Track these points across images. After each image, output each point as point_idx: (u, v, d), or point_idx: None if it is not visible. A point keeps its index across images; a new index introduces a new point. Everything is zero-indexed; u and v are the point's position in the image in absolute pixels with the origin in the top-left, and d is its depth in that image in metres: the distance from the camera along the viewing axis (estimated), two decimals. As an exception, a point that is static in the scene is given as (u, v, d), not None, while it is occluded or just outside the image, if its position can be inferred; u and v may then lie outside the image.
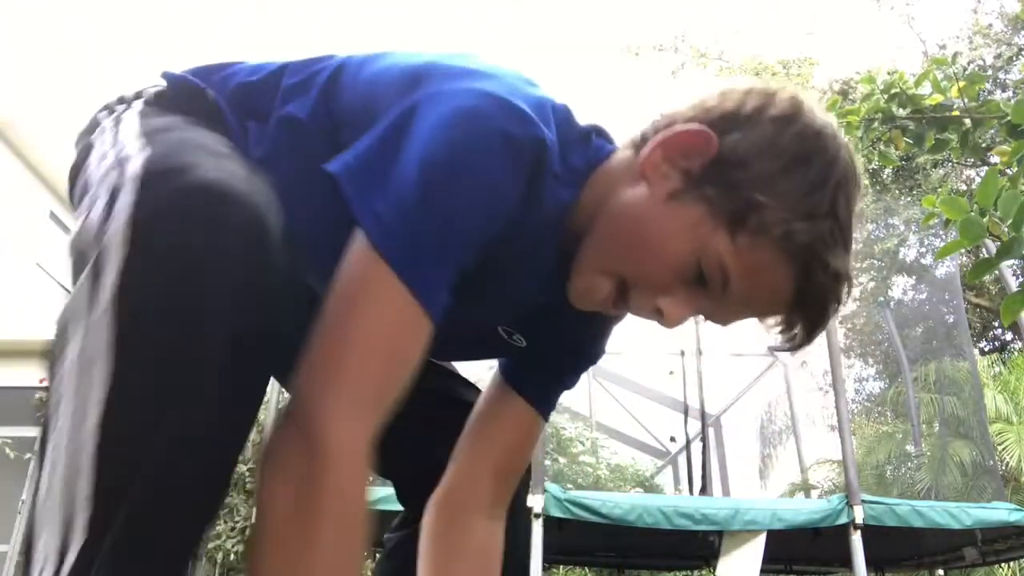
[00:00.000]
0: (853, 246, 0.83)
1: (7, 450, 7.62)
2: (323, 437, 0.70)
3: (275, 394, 5.07)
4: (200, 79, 0.95)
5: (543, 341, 1.03)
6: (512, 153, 0.77)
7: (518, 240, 0.84)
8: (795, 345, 0.86)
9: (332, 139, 0.84)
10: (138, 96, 0.94)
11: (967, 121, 2.02)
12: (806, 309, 0.82)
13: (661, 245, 0.80)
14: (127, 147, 0.76)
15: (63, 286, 12.48)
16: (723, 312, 0.84)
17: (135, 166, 0.70)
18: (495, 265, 0.84)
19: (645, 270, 0.81)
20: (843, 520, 4.45)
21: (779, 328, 0.85)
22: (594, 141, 0.90)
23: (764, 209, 0.77)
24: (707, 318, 0.85)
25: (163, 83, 0.96)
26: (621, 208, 0.84)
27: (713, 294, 0.80)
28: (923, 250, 13.06)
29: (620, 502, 4.67)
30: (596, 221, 0.85)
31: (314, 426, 0.70)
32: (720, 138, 0.80)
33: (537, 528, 4.30)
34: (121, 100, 0.94)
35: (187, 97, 0.93)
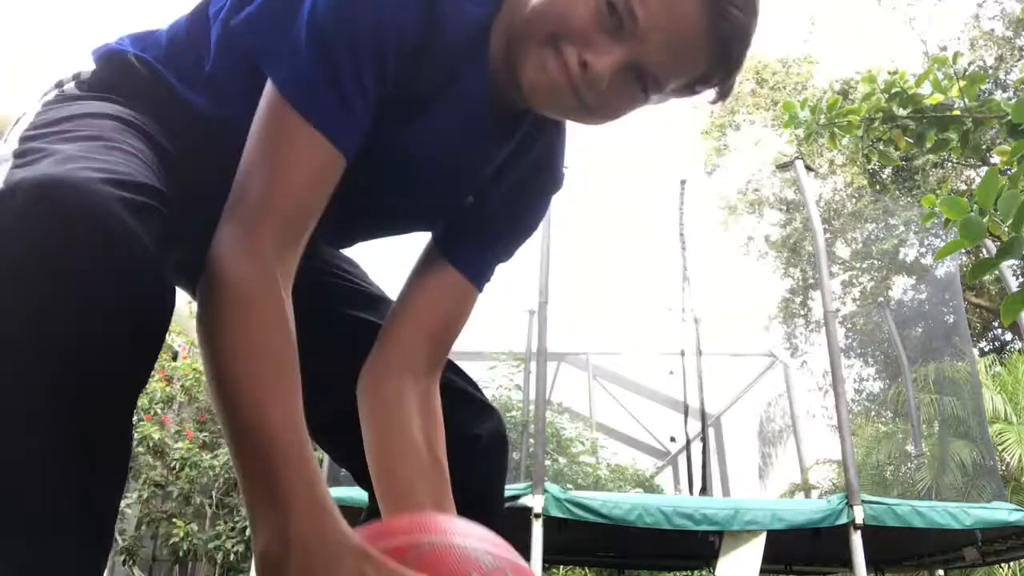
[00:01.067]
0: None
1: (7, 450, 7.60)
2: (221, 272, 0.78)
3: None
4: (135, 45, 0.98)
5: (483, 203, 1.06)
6: None
7: (435, 59, 0.89)
8: (728, 69, 0.89)
9: None
10: (75, 77, 0.96)
11: (967, 121, 2.02)
12: (721, 20, 0.84)
13: None
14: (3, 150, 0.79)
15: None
16: (648, 52, 0.85)
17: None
18: (419, 95, 0.91)
19: (568, 25, 0.85)
20: (843, 520, 4.45)
21: (712, 62, 0.88)
22: None
23: None
24: (639, 69, 0.87)
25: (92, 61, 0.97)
26: None
27: (629, 33, 0.84)
28: (923, 250, 13.06)
29: (620, 502, 4.67)
30: (516, 21, 0.89)
31: (215, 264, 0.78)
32: None
33: (537, 528, 4.30)
34: (58, 84, 0.95)
35: (117, 72, 0.96)
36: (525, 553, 4.36)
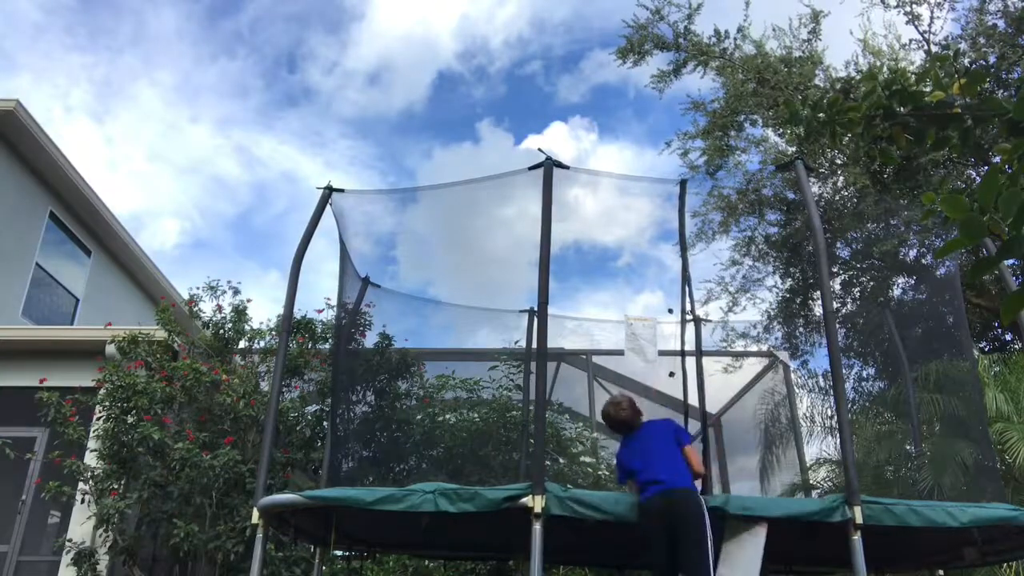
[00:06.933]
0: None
1: (7, 450, 7.58)
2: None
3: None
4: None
5: None
6: None
7: None
8: None
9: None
10: None
11: (968, 119, 2.01)
12: None
13: None
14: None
15: (63, 286, 12.44)
16: None
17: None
18: None
19: None
20: (843, 520, 4.45)
21: None
22: None
23: None
24: None
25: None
26: None
27: None
28: (923, 250, 13.04)
29: (621, 499, 4.67)
30: None
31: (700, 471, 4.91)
32: None
33: (537, 528, 4.30)
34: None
35: None
36: (525, 553, 4.36)
